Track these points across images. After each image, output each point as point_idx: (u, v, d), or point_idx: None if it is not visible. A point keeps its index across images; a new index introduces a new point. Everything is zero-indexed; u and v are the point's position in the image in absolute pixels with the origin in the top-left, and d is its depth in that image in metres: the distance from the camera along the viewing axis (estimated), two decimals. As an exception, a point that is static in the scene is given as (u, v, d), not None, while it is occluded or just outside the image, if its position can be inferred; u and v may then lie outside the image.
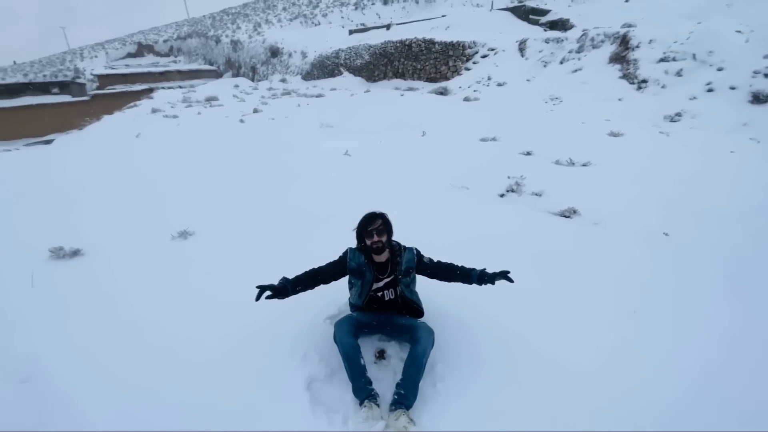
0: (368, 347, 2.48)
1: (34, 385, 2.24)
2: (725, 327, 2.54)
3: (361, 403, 2.08)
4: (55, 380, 2.27)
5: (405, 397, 2.07)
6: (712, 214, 4.22)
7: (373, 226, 2.46)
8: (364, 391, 2.11)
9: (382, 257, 2.50)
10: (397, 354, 2.45)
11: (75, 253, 3.91)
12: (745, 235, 3.77)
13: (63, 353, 2.52)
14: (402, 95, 14.49)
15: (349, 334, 2.27)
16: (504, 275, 2.28)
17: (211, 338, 2.59)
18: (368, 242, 2.46)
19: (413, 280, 2.60)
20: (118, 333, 2.71)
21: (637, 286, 2.94)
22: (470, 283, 2.43)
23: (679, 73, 9.88)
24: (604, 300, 2.81)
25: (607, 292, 2.88)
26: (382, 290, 2.51)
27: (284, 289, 2.30)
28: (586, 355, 2.34)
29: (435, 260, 2.61)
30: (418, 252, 2.61)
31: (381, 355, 2.48)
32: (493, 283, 2.33)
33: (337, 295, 2.92)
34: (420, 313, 2.60)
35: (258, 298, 2.20)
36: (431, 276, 2.59)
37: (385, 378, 2.27)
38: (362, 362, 2.19)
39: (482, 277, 2.36)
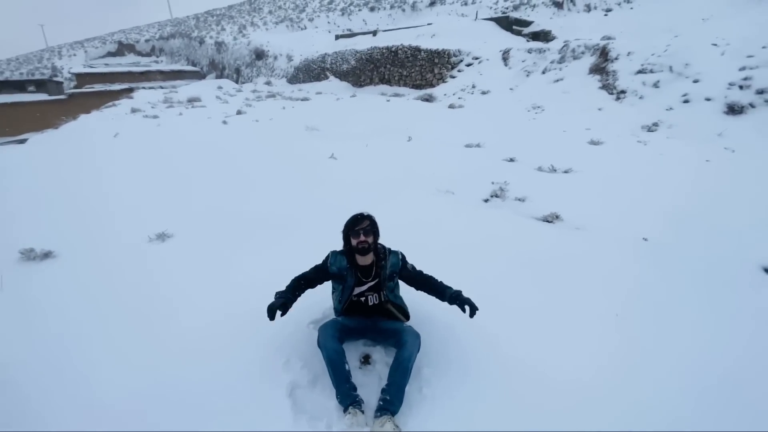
0: (353, 352, 2.44)
1: (2, 391, 2.12)
2: (707, 329, 2.59)
3: (345, 410, 2.04)
4: (22, 387, 2.16)
5: (390, 402, 2.04)
6: (688, 220, 4.34)
7: (360, 226, 2.45)
8: (348, 397, 2.07)
9: (367, 259, 2.48)
10: (383, 359, 2.42)
11: (46, 255, 3.74)
12: (720, 241, 3.88)
13: (31, 359, 2.40)
14: (388, 101, 14.52)
15: (333, 339, 2.22)
16: (472, 309, 2.25)
17: (187, 344, 2.51)
18: (354, 242, 2.44)
19: (397, 285, 2.60)
20: (88, 339, 2.59)
21: (620, 290, 2.99)
22: (442, 300, 2.44)
23: (656, 85, 10.21)
24: (588, 303, 2.84)
25: (590, 296, 2.92)
26: (366, 294, 2.48)
27: (288, 302, 2.30)
28: (571, 360, 2.36)
29: (417, 269, 2.62)
30: (403, 256, 2.63)
31: (366, 360, 2.44)
32: (461, 308, 2.29)
33: (321, 297, 2.87)
34: (406, 316, 2.57)
35: (272, 318, 2.17)
36: (409, 283, 2.60)
37: (370, 384, 2.23)
38: (347, 368, 2.14)
39: (454, 298, 2.37)
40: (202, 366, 2.32)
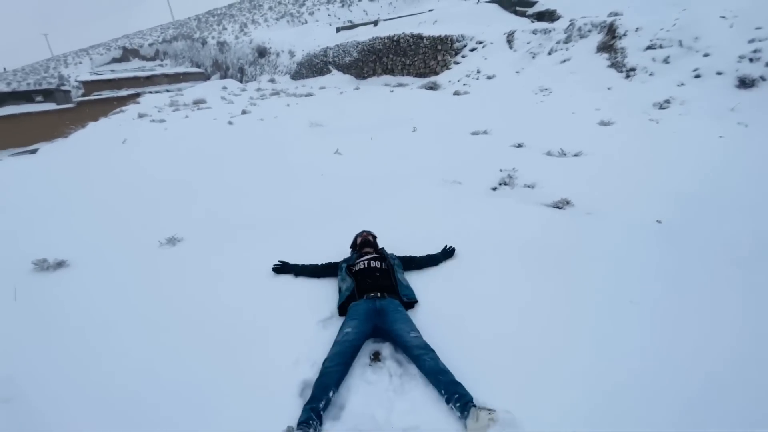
0: (362, 350, 2.42)
1: (15, 404, 2.16)
2: (724, 315, 2.51)
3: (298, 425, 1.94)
4: (35, 400, 2.19)
5: (462, 396, 1.99)
6: (703, 201, 4.21)
7: (363, 231, 3.46)
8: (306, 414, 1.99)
9: (370, 251, 3.19)
10: (393, 355, 2.40)
11: (59, 264, 3.80)
12: (737, 219, 3.76)
13: (45, 371, 2.44)
14: (392, 91, 14.38)
15: (338, 366, 2.20)
16: (449, 251, 3.33)
17: (199, 342, 2.53)
18: (360, 239, 3.37)
19: (399, 266, 3.06)
20: (103, 349, 2.63)
21: (634, 276, 2.90)
22: (437, 264, 3.24)
23: (666, 60, 9.87)
24: (602, 290, 2.77)
25: (604, 283, 2.85)
26: (370, 261, 2.97)
27: (289, 267, 3.25)
28: (584, 346, 2.31)
29: (417, 256, 3.27)
30: (399, 258, 3.20)
31: (376, 357, 2.42)
32: (450, 255, 3.30)
33: (328, 295, 2.88)
34: (412, 299, 2.78)
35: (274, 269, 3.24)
36: (411, 267, 3.18)
37: (379, 381, 2.22)
38: (330, 395, 2.08)
39: (444, 256, 3.28)
40: (212, 366, 2.34)
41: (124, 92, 24.99)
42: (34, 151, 12.07)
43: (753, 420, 1.89)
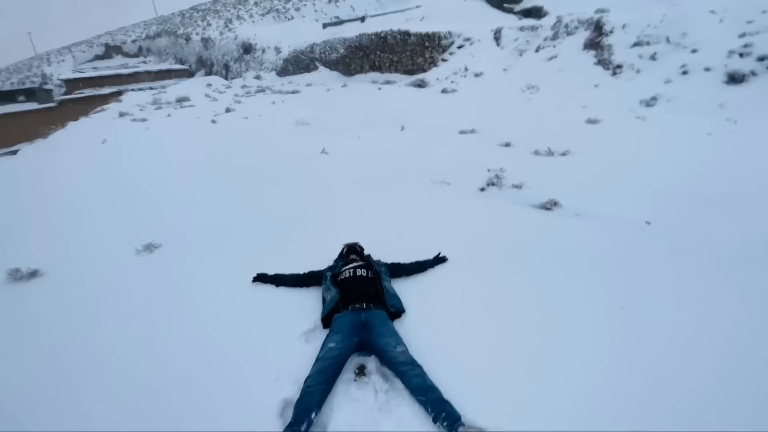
0: (347, 364, 2.33)
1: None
2: (717, 319, 2.47)
3: None
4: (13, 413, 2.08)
5: (449, 414, 1.91)
6: (692, 200, 4.19)
7: (351, 243, 3.34)
8: None
9: (356, 259, 3.09)
10: (379, 369, 2.31)
11: (33, 274, 3.63)
12: (726, 219, 3.73)
13: (18, 384, 2.32)
14: (379, 89, 14.27)
15: (321, 385, 2.09)
16: (439, 259, 3.21)
17: (171, 357, 2.42)
18: (345, 249, 3.27)
19: (386, 273, 2.97)
20: (77, 361, 2.50)
21: (624, 280, 2.85)
22: (424, 270, 3.14)
23: (653, 57, 9.91)
24: (590, 295, 2.71)
25: (595, 287, 2.79)
26: (356, 268, 2.87)
27: (267, 277, 3.11)
28: (578, 354, 2.25)
29: (405, 262, 3.17)
30: (386, 264, 3.11)
31: (361, 371, 2.33)
32: (439, 262, 3.19)
33: (312, 308, 2.78)
34: (399, 308, 2.68)
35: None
36: (399, 274, 3.08)
37: (364, 399, 2.12)
38: (313, 416, 1.97)
39: (433, 262, 3.17)
40: (186, 383, 2.23)
41: (106, 90, 24.39)
42: (15, 152, 11.68)
43: (743, 421, 1.85)
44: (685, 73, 8.99)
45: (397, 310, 2.65)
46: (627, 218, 3.86)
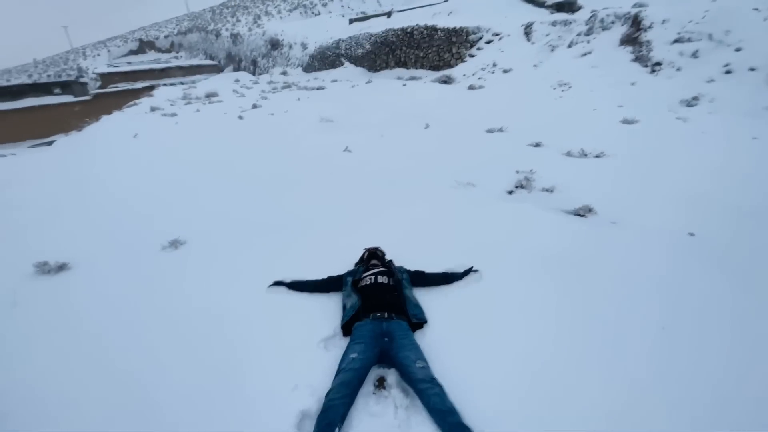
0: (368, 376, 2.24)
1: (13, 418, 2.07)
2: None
3: None
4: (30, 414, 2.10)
5: None
6: (738, 210, 3.89)
7: (372, 247, 3.25)
8: None
9: (378, 265, 2.97)
10: (399, 383, 2.21)
11: (61, 267, 3.71)
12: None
13: (46, 378, 2.36)
14: (404, 85, 14.09)
15: (344, 398, 2.01)
16: (469, 271, 2.97)
17: (189, 360, 2.40)
18: (366, 253, 3.17)
19: (408, 281, 2.90)
20: (105, 355, 2.52)
21: (665, 297, 2.65)
22: (450, 283, 2.93)
23: (694, 55, 9.35)
24: (629, 314, 2.53)
25: (633, 305, 2.60)
26: (377, 275, 2.79)
27: (287, 282, 3.00)
28: (611, 377, 2.09)
29: (428, 272, 3.02)
30: (408, 271, 3.02)
31: (381, 383, 2.24)
32: (467, 274, 2.94)
33: (331, 314, 2.71)
34: (421, 318, 2.58)
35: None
36: (421, 284, 2.93)
37: (384, 414, 2.04)
38: (336, 431, 1.90)
39: (462, 276, 2.94)
40: (203, 389, 2.19)
41: (139, 84, 25.17)
42: (50, 143, 12.18)
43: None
44: (728, 72, 8.44)
45: (419, 321, 2.55)
46: (668, 228, 3.60)
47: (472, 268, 2.98)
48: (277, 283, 3.04)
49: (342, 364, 2.20)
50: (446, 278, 2.96)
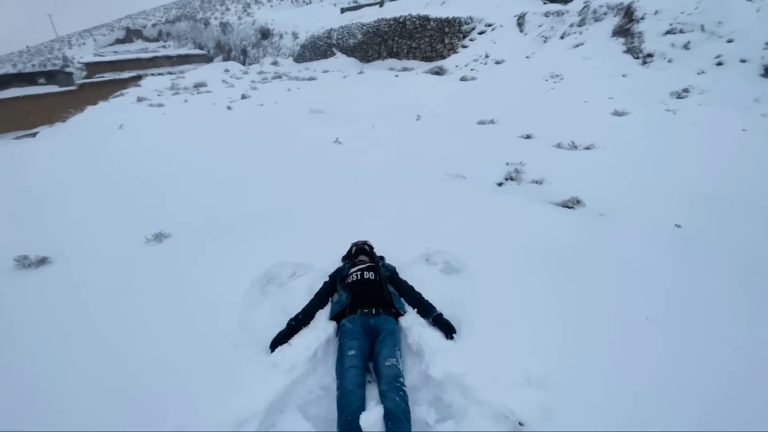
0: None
1: None
2: (754, 335, 2.26)
3: None
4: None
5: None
6: (725, 202, 3.91)
7: (360, 242, 3.20)
8: None
9: (365, 260, 2.97)
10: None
11: (42, 261, 3.63)
12: (762, 224, 3.47)
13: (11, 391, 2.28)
14: (396, 76, 13.96)
15: (357, 387, 2.04)
16: (451, 332, 2.38)
17: (179, 357, 2.35)
18: (354, 248, 3.12)
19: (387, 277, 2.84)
20: (86, 350, 2.46)
21: (650, 288, 2.65)
22: (425, 317, 2.52)
23: (686, 46, 9.38)
24: (613, 304, 2.53)
25: (617, 296, 2.60)
26: (363, 270, 2.76)
27: (293, 328, 2.44)
28: (595, 373, 2.09)
29: (409, 284, 2.79)
30: (394, 269, 2.97)
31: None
32: (443, 331, 2.40)
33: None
34: (399, 309, 2.59)
35: (272, 350, 2.33)
36: (399, 292, 2.76)
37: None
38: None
39: (437, 320, 2.46)
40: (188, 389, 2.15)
41: (126, 74, 24.69)
42: (34, 135, 11.90)
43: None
44: (719, 64, 8.49)
45: (398, 311, 2.58)
46: (655, 219, 3.62)
47: (446, 321, 2.47)
48: (279, 341, 2.38)
49: (344, 363, 2.17)
50: (421, 306, 2.59)
